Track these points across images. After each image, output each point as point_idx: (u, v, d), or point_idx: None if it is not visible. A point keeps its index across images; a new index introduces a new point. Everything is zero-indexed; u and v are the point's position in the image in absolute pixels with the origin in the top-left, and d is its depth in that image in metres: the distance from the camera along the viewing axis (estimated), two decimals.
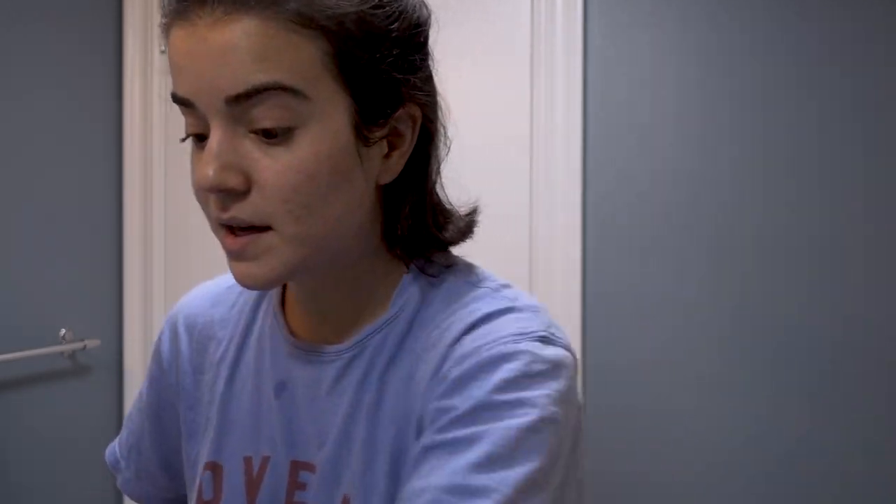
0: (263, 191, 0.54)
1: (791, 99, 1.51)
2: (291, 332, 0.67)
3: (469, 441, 0.52)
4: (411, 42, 0.59)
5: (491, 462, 0.51)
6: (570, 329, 1.63)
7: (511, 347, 0.56)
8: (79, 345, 1.84)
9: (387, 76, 0.57)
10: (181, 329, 0.74)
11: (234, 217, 0.55)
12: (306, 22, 0.53)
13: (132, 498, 0.81)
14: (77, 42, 1.87)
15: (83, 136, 1.90)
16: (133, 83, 1.99)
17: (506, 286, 0.64)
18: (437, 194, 0.66)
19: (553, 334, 0.59)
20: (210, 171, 0.53)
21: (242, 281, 0.57)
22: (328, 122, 0.55)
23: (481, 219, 0.70)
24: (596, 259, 1.63)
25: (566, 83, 1.64)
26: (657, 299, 1.59)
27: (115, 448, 0.82)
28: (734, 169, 1.54)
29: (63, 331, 1.83)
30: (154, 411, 0.76)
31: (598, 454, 1.63)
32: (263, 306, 0.71)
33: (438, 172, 0.66)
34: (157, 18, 1.98)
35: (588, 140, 1.64)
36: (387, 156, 0.60)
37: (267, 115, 0.53)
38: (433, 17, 0.62)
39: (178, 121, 1.98)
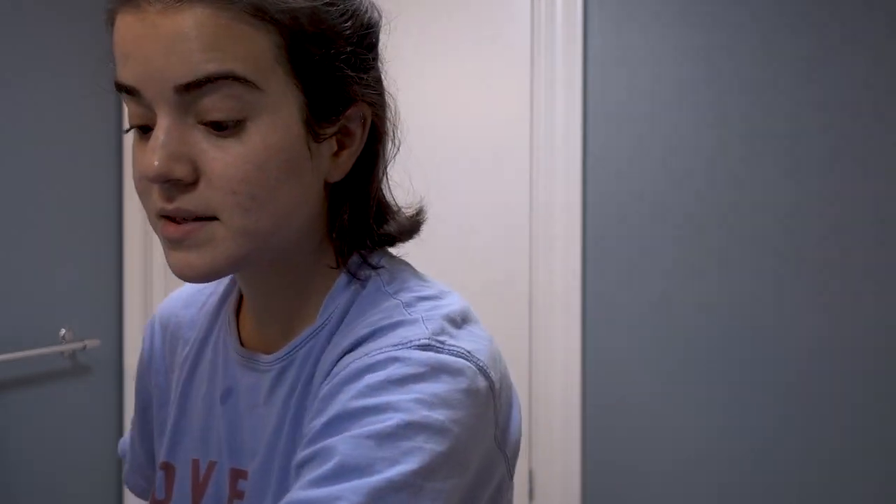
0: (211, 182, 0.52)
1: (791, 99, 1.51)
2: (240, 338, 0.66)
3: (323, 454, 0.48)
4: (363, 42, 0.59)
5: (342, 472, 0.47)
6: (571, 329, 1.63)
7: (378, 357, 0.52)
8: (79, 345, 1.84)
9: (339, 73, 0.56)
10: (157, 328, 0.76)
11: (180, 208, 0.53)
12: (259, 13, 0.52)
13: (129, 488, 0.84)
14: (77, 42, 1.87)
15: (83, 136, 1.90)
16: None
17: (425, 298, 0.59)
18: (383, 194, 0.64)
19: (439, 341, 0.54)
20: (156, 161, 0.51)
21: (181, 271, 0.55)
22: (279, 116, 0.54)
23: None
24: (596, 259, 1.63)
25: (566, 84, 1.64)
26: (657, 299, 1.59)
27: (125, 439, 0.84)
28: (733, 169, 1.54)
29: (63, 331, 1.83)
30: (139, 408, 0.78)
31: (597, 452, 1.63)
32: (224, 310, 0.70)
33: (385, 172, 0.64)
34: None
35: (588, 141, 1.64)
36: (336, 154, 0.59)
37: (218, 105, 0.52)
38: (384, 21, 0.62)
39: None
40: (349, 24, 0.57)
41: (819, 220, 1.49)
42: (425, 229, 0.68)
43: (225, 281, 0.73)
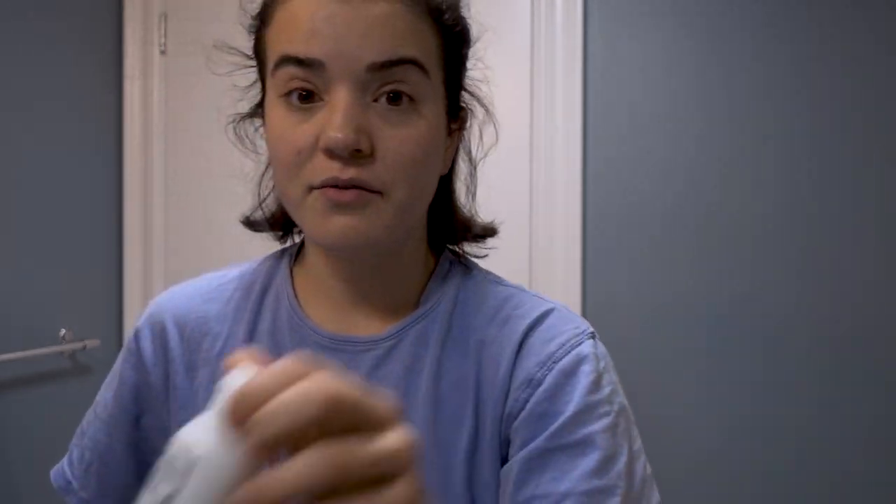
0: (385, 157, 0.57)
1: (790, 101, 1.51)
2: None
3: (583, 445, 0.60)
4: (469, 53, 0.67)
5: (605, 462, 0.59)
6: None
7: (580, 351, 0.63)
8: (78, 345, 1.84)
9: (463, 77, 0.66)
10: (170, 327, 0.71)
11: (355, 178, 0.57)
12: (434, 16, 0.60)
13: None
14: (77, 42, 1.87)
15: (83, 136, 1.90)
16: (133, 83, 1.99)
17: (521, 287, 0.70)
18: (468, 190, 0.72)
19: (592, 327, 0.67)
20: (347, 131, 0.55)
21: (343, 233, 0.58)
22: (436, 106, 0.61)
23: (482, 218, 0.74)
24: (596, 259, 1.63)
25: (566, 86, 1.64)
26: (657, 299, 1.59)
27: (62, 470, 0.77)
28: (734, 170, 1.54)
29: (63, 331, 1.83)
30: (132, 418, 0.72)
31: None
32: (269, 301, 0.70)
33: (476, 170, 0.72)
34: (156, 18, 1.98)
35: (588, 141, 1.64)
36: (447, 148, 0.66)
37: (401, 82, 0.57)
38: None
39: (178, 121, 1.98)
40: (471, 37, 0.67)
41: (821, 221, 1.49)
42: None
43: (247, 276, 0.73)
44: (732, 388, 1.55)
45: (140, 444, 0.73)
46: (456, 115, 0.66)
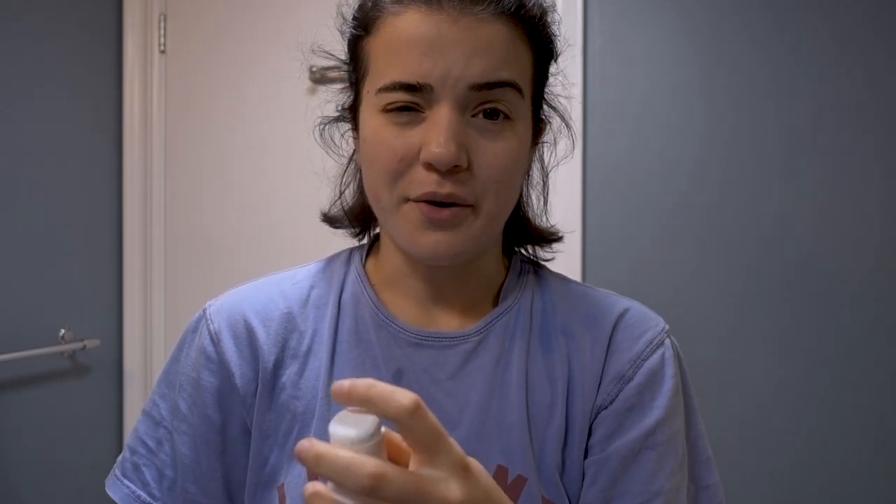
0: (480, 170, 0.61)
1: (790, 97, 1.51)
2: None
3: (671, 444, 0.67)
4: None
5: (683, 460, 0.68)
6: None
7: (664, 349, 0.70)
8: (79, 345, 1.83)
9: (546, 89, 0.70)
10: (255, 324, 0.69)
11: (452, 194, 0.60)
12: (532, 37, 0.64)
13: None
14: (77, 42, 1.87)
15: (83, 136, 1.90)
16: (133, 83, 1.99)
17: (588, 285, 0.77)
18: (538, 195, 0.77)
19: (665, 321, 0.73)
20: (451, 147, 0.58)
21: (434, 250, 0.62)
22: (527, 122, 0.65)
23: None
24: (596, 259, 1.63)
25: (566, 83, 1.63)
26: (657, 299, 1.58)
27: (132, 492, 0.70)
28: (734, 168, 1.54)
29: (63, 331, 1.83)
30: (217, 428, 0.69)
31: None
32: (346, 300, 0.71)
33: (548, 176, 0.77)
34: (156, 18, 1.98)
35: (588, 140, 1.64)
36: None
37: (499, 101, 0.61)
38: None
39: (178, 121, 1.98)
40: (556, 50, 0.70)
41: (820, 216, 1.49)
42: None
43: (319, 275, 0.73)
44: (733, 383, 1.55)
45: (224, 455, 0.70)
46: (538, 127, 0.70)
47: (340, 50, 0.71)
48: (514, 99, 0.62)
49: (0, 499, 1.72)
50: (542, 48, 0.66)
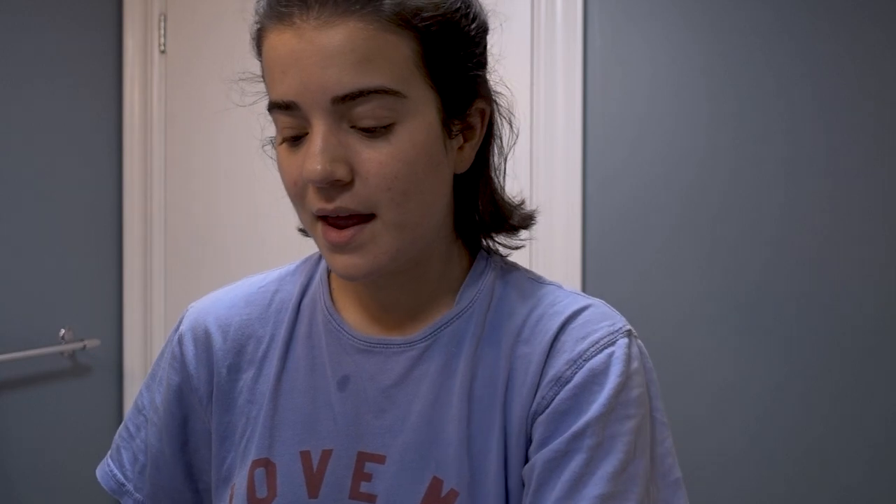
0: (367, 180, 0.58)
1: (791, 98, 1.51)
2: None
3: (605, 448, 0.59)
4: (482, 42, 0.65)
5: (625, 465, 0.59)
6: None
7: (615, 349, 0.63)
8: (79, 345, 1.84)
9: (465, 73, 0.62)
10: (213, 331, 0.73)
11: (340, 207, 0.58)
12: (402, 23, 0.57)
13: None
14: (77, 42, 1.87)
15: (83, 136, 1.90)
16: (133, 83, 1.99)
17: (559, 284, 0.71)
18: (500, 184, 0.71)
19: (629, 325, 0.66)
20: (318, 165, 0.56)
21: (346, 272, 0.60)
22: (422, 117, 0.59)
23: None
24: (596, 259, 1.63)
25: (566, 83, 1.64)
26: (657, 299, 1.59)
27: (110, 471, 0.78)
28: (734, 167, 1.54)
29: (63, 331, 1.83)
30: (178, 422, 0.74)
31: None
32: (306, 304, 0.72)
33: (505, 161, 0.71)
34: (156, 18, 1.98)
35: (588, 140, 1.63)
36: (461, 148, 0.65)
37: (369, 113, 0.57)
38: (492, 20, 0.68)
39: (178, 121, 1.98)
40: (473, 25, 0.63)
41: (821, 218, 1.49)
42: None
43: (287, 278, 0.75)
44: (734, 383, 1.55)
45: (186, 446, 0.75)
46: (461, 113, 0.63)
47: None
48: (389, 103, 0.57)
49: (1, 498, 1.72)
50: (429, 31, 0.58)
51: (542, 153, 1.66)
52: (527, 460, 0.62)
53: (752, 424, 1.53)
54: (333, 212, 0.58)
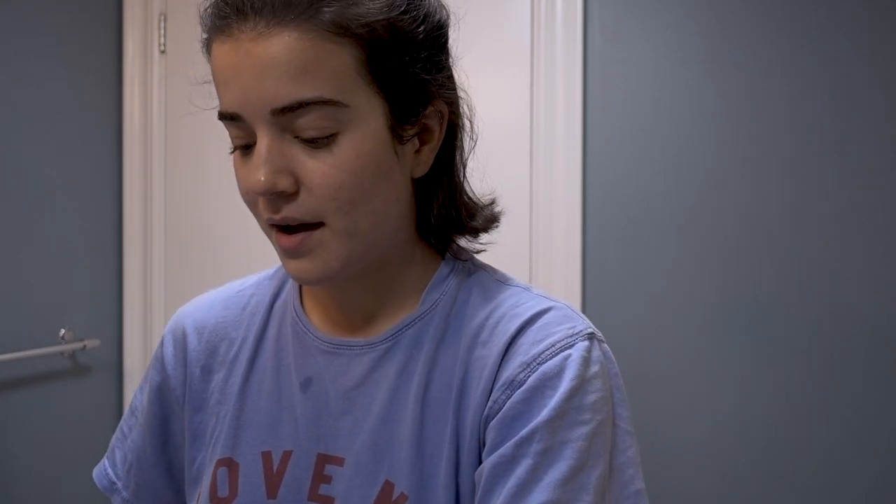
0: (311, 191, 0.57)
1: (793, 99, 1.51)
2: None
3: (553, 454, 0.57)
4: (436, 43, 0.63)
5: (575, 472, 0.57)
6: None
7: (572, 352, 0.61)
8: (79, 345, 1.84)
9: (416, 77, 0.60)
10: (189, 332, 0.74)
11: (286, 217, 0.59)
12: (341, 31, 0.56)
13: None
14: (77, 42, 1.87)
15: (83, 136, 1.90)
16: (133, 83, 1.99)
17: (528, 286, 0.69)
18: (463, 185, 0.69)
19: (594, 328, 0.64)
20: (261, 176, 0.57)
21: (298, 276, 0.61)
22: (366, 125, 0.58)
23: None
24: (596, 259, 1.63)
25: (566, 84, 1.64)
26: (657, 299, 1.58)
27: (105, 470, 0.80)
28: (735, 169, 1.54)
29: (63, 331, 1.83)
30: (159, 420, 0.76)
31: None
32: (277, 307, 0.73)
33: (464, 164, 0.69)
34: (156, 18, 1.98)
35: (588, 140, 1.63)
36: (418, 151, 0.64)
37: (310, 125, 0.56)
38: (452, 17, 0.66)
39: (177, 121, 1.98)
40: (422, 28, 0.61)
41: (822, 219, 1.49)
42: None
43: (265, 282, 0.76)
44: (734, 384, 1.54)
45: (167, 446, 0.76)
46: (414, 117, 0.61)
47: None
48: (329, 113, 0.56)
49: (0, 498, 1.72)
50: (372, 37, 0.57)
51: (542, 153, 1.66)
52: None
53: (758, 432, 1.53)
54: (281, 221, 0.59)
